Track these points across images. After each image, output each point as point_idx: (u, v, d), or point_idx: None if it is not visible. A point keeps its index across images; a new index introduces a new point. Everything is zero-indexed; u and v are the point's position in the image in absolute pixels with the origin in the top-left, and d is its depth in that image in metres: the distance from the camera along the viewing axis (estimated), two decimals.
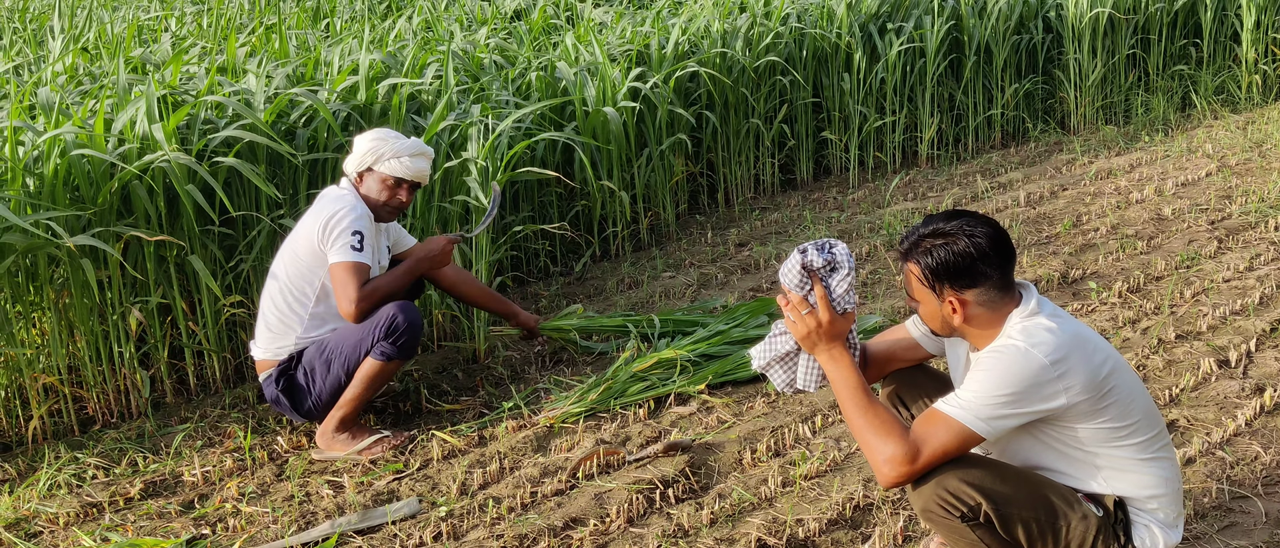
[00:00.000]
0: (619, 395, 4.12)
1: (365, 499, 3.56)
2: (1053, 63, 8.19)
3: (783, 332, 2.70)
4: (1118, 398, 2.41)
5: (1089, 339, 2.45)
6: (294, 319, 3.93)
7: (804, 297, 2.53)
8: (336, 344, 3.87)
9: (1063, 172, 6.98)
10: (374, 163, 3.93)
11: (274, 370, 3.94)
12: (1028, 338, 2.37)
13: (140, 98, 4.26)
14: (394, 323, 3.77)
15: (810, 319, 2.52)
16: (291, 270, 3.92)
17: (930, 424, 2.38)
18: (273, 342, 3.96)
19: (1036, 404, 2.36)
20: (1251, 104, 8.29)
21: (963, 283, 2.44)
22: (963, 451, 2.37)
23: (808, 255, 2.52)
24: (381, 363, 3.81)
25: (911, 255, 2.50)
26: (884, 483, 2.39)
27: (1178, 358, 4.11)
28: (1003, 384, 2.34)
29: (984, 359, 2.42)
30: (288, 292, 3.92)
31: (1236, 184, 6.27)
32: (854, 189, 7.06)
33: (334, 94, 4.73)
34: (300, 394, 3.93)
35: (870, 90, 7.25)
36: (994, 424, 2.35)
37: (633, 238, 6.20)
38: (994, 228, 2.46)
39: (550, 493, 3.51)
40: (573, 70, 5.78)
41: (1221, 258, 5.14)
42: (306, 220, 3.94)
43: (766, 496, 3.39)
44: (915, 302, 2.55)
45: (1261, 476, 3.25)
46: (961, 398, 2.38)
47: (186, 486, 3.78)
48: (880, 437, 2.38)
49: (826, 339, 2.53)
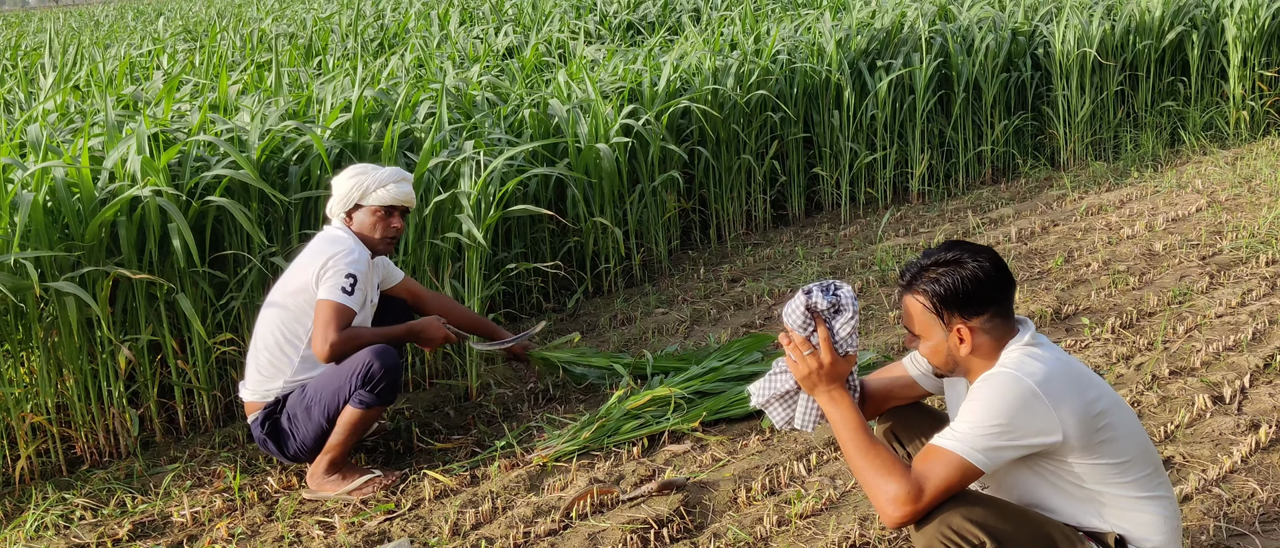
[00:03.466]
0: (612, 434, 4.09)
1: (356, 540, 3.52)
2: (1041, 99, 8.24)
3: (783, 370, 2.68)
4: (1113, 434, 2.40)
5: (1083, 374, 2.44)
6: (284, 361, 3.89)
7: (806, 337, 2.52)
8: (315, 391, 3.81)
9: (1053, 207, 7.00)
10: (360, 198, 3.92)
11: (261, 414, 3.90)
12: (1020, 367, 2.37)
13: (131, 135, 4.26)
14: (370, 371, 3.70)
15: (812, 360, 2.51)
16: (285, 312, 3.88)
17: (929, 461, 2.36)
18: (262, 383, 3.92)
19: (1031, 436, 2.34)
20: (1239, 140, 8.34)
21: (970, 311, 2.43)
22: (964, 485, 2.36)
23: (812, 296, 2.51)
24: (361, 411, 3.75)
25: (915, 286, 2.48)
26: (889, 523, 2.36)
27: (1172, 394, 4.10)
28: (997, 413, 2.33)
29: (976, 389, 2.41)
30: (280, 332, 3.89)
31: (1227, 219, 6.30)
32: (846, 225, 7.08)
33: (326, 131, 4.72)
34: (284, 439, 3.89)
35: (861, 126, 7.28)
36: (991, 456, 2.33)
37: (625, 274, 6.19)
38: (994, 255, 2.46)
39: (543, 533, 3.47)
40: (565, 107, 5.79)
41: (1213, 293, 5.15)
42: (303, 261, 3.92)
43: (762, 535, 3.36)
44: (916, 338, 2.53)
45: (1259, 514, 3.24)
46: (957, 431, 2.36)
47: (175, 526, 3.73)
48: (883, 477, 2.37)
49: (827, 381, 2.52)
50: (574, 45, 8.02)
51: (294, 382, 3.90)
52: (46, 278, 3.96)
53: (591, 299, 5.94)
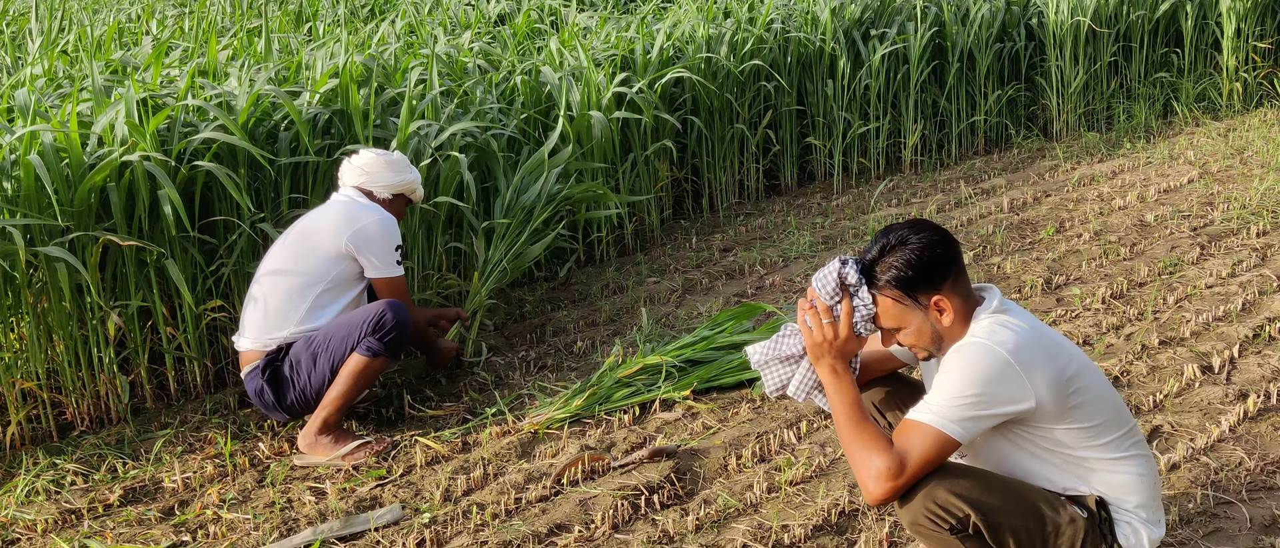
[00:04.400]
0: (604, 401, 4.10)
1: (348, 506, 3.52)
2: (1035, 70, 8.22)
3: (793, 333, 2.67)
4: (1085, 398, 2.41)
5: (1053, 340, 2.45)
6: (292, 311, 3.94)
7: (829, 306, 2.51)
8: (324, 338, 3.88)
9: (1046, 178, 7.00)
10: (407, 191, 4.25)
11: (260, 362, 3.92)
12: (991, 336, 2.37)
13: (120, 101, 4.22)
14: (382, 320, 3.82)
15: (829, 330, 2.51)
16: (303, 261, 3.96)
17: (906, 435, 2.37)
18: (265, 332, 3.93)
19: (1005, 404, 2.35)
20: (1232, 111, 8.34)
21: (936, 281, 2.44)
22: (943, 458, 2.36)
23: (847, 268, 2.50)
24: (367, 359, 3.82)
25: (874, 283, 2.48)
26: (871, 499, 2.37)
27: (1161, 364, 4.12)
28: (968, 384, 2.34)
29: (948, 361, 2.42)
30: (294, 279, 3.94)
31: (1218, 191, 6.30)
32: (838, 195, 7.07)
33: (315, 97, 4.69)
34: (284, 387, 3.92)
35: (854, 96, 7.26)
36: (966, 426, 2.34)
37: (618, 243, 6.18)
38: (929, 224, 2.50)
39: (535, 499, 3.48)
40: (557, 75, 5.76)
41: (1204, 264, 5.17)
42: (332, 217, 4.01)
43: (752, 502, 3.37)
44: (894, 335, 2.53)
45: (1246, 482, 3.26)
46: (931, 403, 2.37)
47: (167, 492, 3.73)
48: (869, 452, 2.37)
49: (835, 355, 2.52)
50: (566, 12, 7.97)
51: (298, 332, 3.94)
52: (35, 244, 3.94)
53: (583, 268, 5.93)
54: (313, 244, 3.99)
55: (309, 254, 3.98)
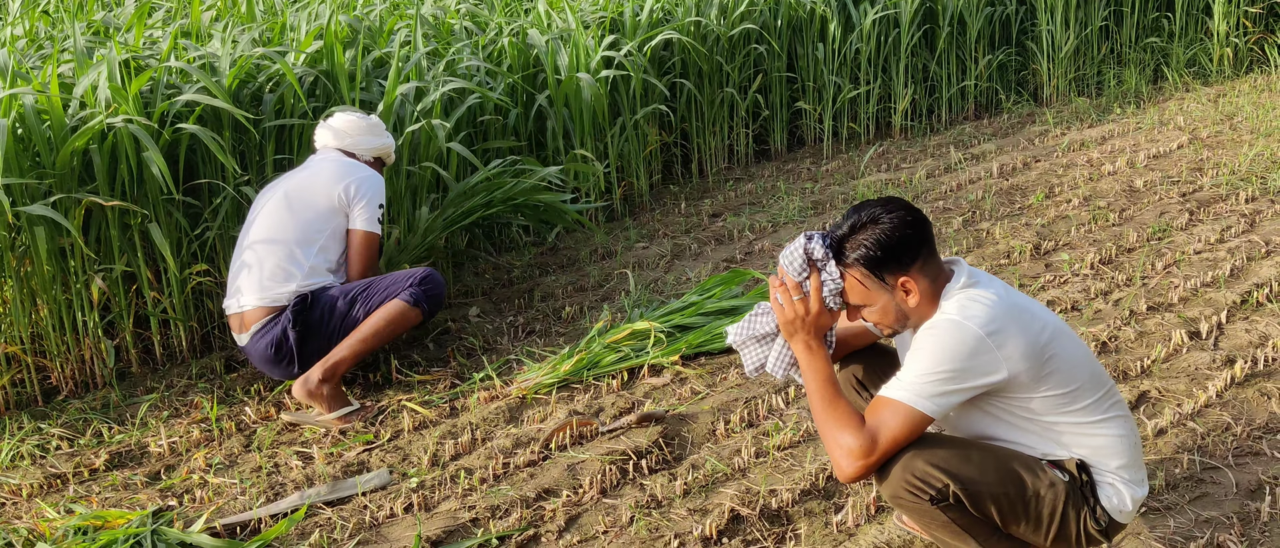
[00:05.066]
0: (592, 367, 4.09)
1: (335, 470, 3.51)
2: (1026, 34, 8.18)
3: (765, 312, 2.67)
4: (1059, 365, 2.40)
5: (1026, 308, 2.43)
6: (295, 267, 3.93)
7: (799, 283, 2.50)
8: (363, 289, 3.97)
9: (1035, 143, 6.98)
10: (384, 155, 4.30)
11: (279, 317, 3.89)
12: (962, 311, 2.36)
13: (102, 62, 4.17)
14: (429, 275, 4.01)
15: (800, 306, 2.50)
16: (301, 215, 3.97)
17: (879, 412, 2.36)
18: (271, 287, 3.91)
19: (977, 378, 2.34)
20: (1222, 77, 8.32)
21: (905, 262, 2.42)
22: (916, 434, 2.36)
23: (813, 242, 2.49)
24: (406, 305, 3.92)
25: (842, 260, 2.46)
26: (843, 477, 2.37)
27: (1149, 330, 4.12)
28: (940, 361, 2.33)
29: (920, 338, 2.40)
30: (291, 235, 3.94)
31: (1207, 157, 6.30)
32: (828, 160, 7.04)
33: (300, 58, 4.64)
34: (311, 338, 3.90)
35: (845, 61, 7.22)
36: (938, 402, 2.33)
37: (606, 208, 6.15)
38: (902, 202, 2.46)
39: (522, 464, 3.48)
40: (545, 37, 5.71)
41: (1192, 230, 5.16)
42: (328, 170, 4.04)
43: (740, 466, 3.37)
44: (859, 311, 2.52)
45: (1232, 447, 3.27)
46: (903, 380, 2.36)
47: (153, 456, 3.72)
48: (840, 430, 2.37)
49: (808, 330, 2.51)
50: None
51: (307, 285, 3.95)
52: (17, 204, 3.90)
53: (572, 233, 5.90)
54: (308, 200, 3.99)
55: (303, 209, 3.97)
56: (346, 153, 4.15)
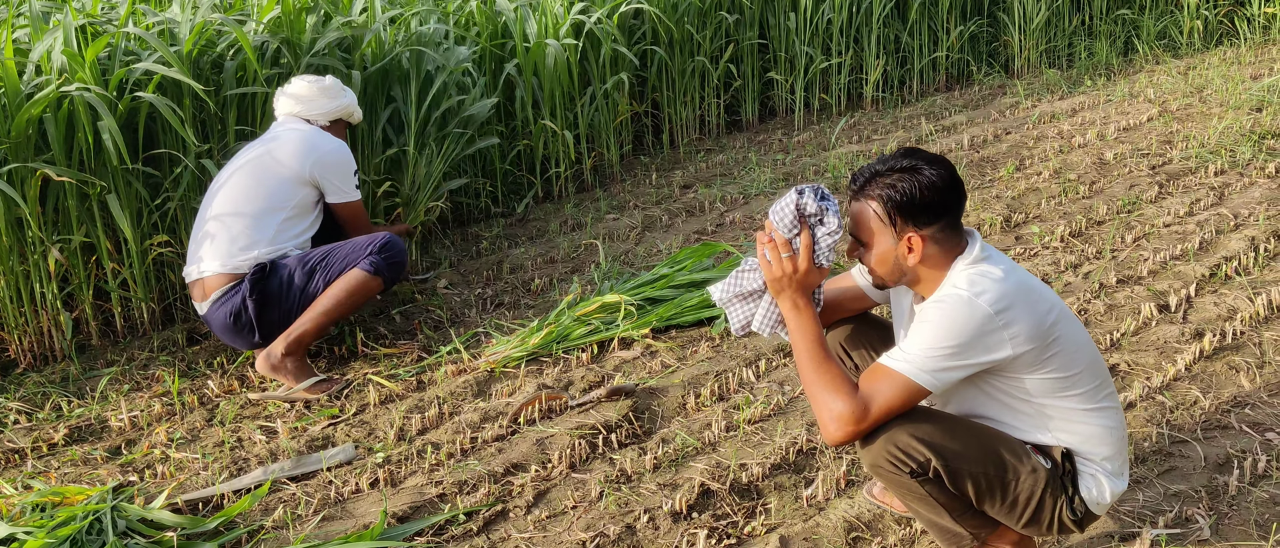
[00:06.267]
0: (562, 340, 4.04)
1: (299, 445, 3.46)
2: (998, 6, 8.16)
3: (752, 268, 2.61)
4: (1062, 348, 2.37)
5: (1034, 288, 2.40)
6: (259, 233, 3.88)
7: (788, 240, 2.45)
8: (322, 257, 3.89)
9: (1006, 115, 6.98)
10: (346, 116, 4.20)
11: (239, 284, 3.83)
12: (971, 287, 2.31)
13: (58, 27, 4.06)
14: (389, 242, 3.92)
15: (788, 263, 2.45)
16: (263, 187, 3.90)
17: (876, 380, 2.33)
18: (232, 254, 3.84)
19: (981, 355, 2.31)
20: (1192, 49, 8.34)
21: (923, 220, 2.37)
22: (910, 405, 2.33)
23: (804, 198, 2.43)
24: (366, 275, 3.85)
25: (867, 191, 2.41)
26: (831, 441, 2.33)
27: (1119, 303, 4.12)
28: (947, 336, 2.29)
29: (927, 310, 2.36)
30: (256, 205, 3.89)
31: (1177, 129, 6.31)
32: (799, 131, 7.01)
33: (261, 25, 4.54)
34: (270, 307, 3.85)
35: (816, 31, 7.17)
36: (940, 377, 2.30)
37: (576, 179, 6.09)
38: (949, 165, 2.40)
39: (491, 439, 3.44)
40: (514, 4, 5.62)
41: (1162, 203, 5.17)
42: (292, 145, 3.96)
43: (710, 440, 3.34)
44: (862, 246, 2.46)
45: (1200, 420, 3.27)
46: (907, 351, 2.32)
47: (113, 431, 3.65)
48: (830, 393, 2.33)
49: (795, 288, 2.46)
50: None
51: (270, 252, 3.89)
52: None
53: (541, 204, 5.84)
54: (273, 171, 3.92)
55: (268, 179, 3.91)
56: (304, 119, 4.08)
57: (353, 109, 4.22)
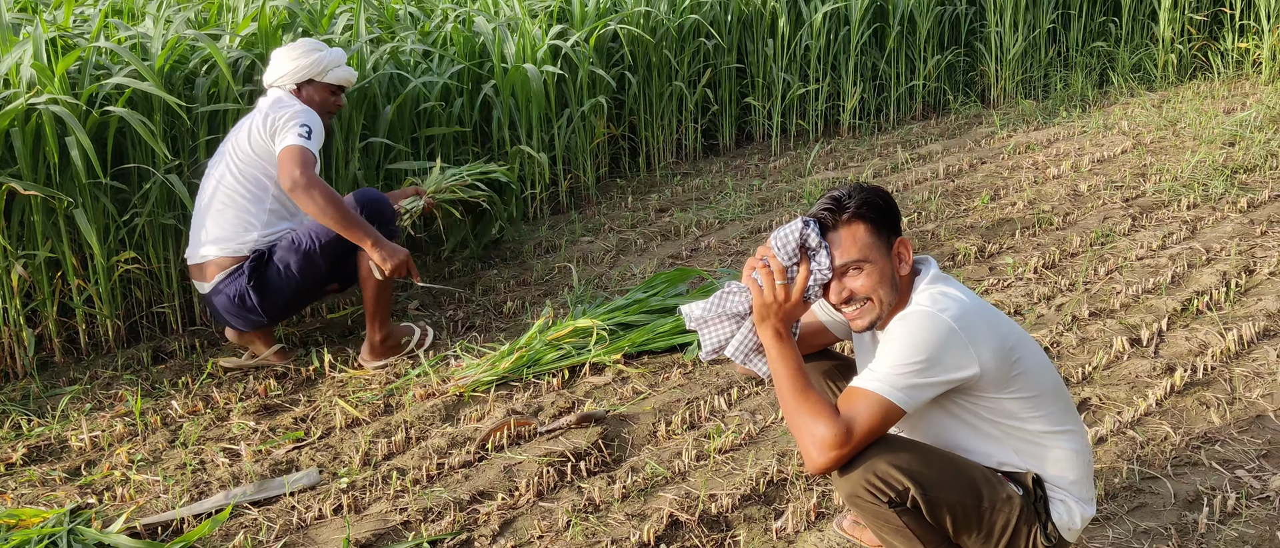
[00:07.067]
0: (533, 364, 4.01)
1: (262, 469, 3.40)
2: (975, 35, 8.21)
3: (738, 290, 2.57)
4: (1026, 368, 2.40)
5: (991, 310, 2.46)
6: (253, 217, 3.90)
7: (785, 268, 2.44)
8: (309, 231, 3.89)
9: (982, 145, 7.00)
10: (315, 75, 4.05)
11: (242, 269, 3.87)
12: (934, 304, 2.35)
13: (28, 40, 4.01)
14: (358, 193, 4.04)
15: (781, 291, 2.44)
16: (250, 166, 3.89)
17: (853, 402, 2.32)
18: (234, 237, 3.88)
19: (950, 372, 2.31)
20: (1167, 83, 8.41)
21: (897, 227, 2.49)
22: (887, 426, 2.32)
23: (809, 229, 2.42)
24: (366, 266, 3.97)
25: (851, 214, 2.43)
26: (814, 468, 2.31)
27: (1091, 336, 4.12)
28: (915, 350, 2.29)
29: (893, 329, 2.37)
30: (242, 188, 3.89)
31: (1151, 162, 6.34)
32: (776, 157, 7.01)
33: (236, 41, 4.50)
34: (270, 290, 3.89)
35: (794, 57, 7.19)
36: (912, 394, 2.30)
37: (551, 200, 6.07)
38: None
39: (458, 465, 3.39)
40: (491, 25, 5.60)
41: (1135, 236, 5.19)
42: (254, 123, 3.93)
43: (680, 470, 3.31)
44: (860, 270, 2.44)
45: (1171, 456, 3.27)
46: (876, 371, 2.32)
47: (73, 451, 3.58)
48: (813, 418, 2.31)
49: (780, 317, 2.45)
50: None
51: (266, 236, 3.92)
52: None
53: (516, 225, 5.81)
54: (245, 151, 3.91)
55: (246, 163, 3.90)
56: (277, 86, 4.04)
57: (324, 67, 4.04)
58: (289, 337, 4.40)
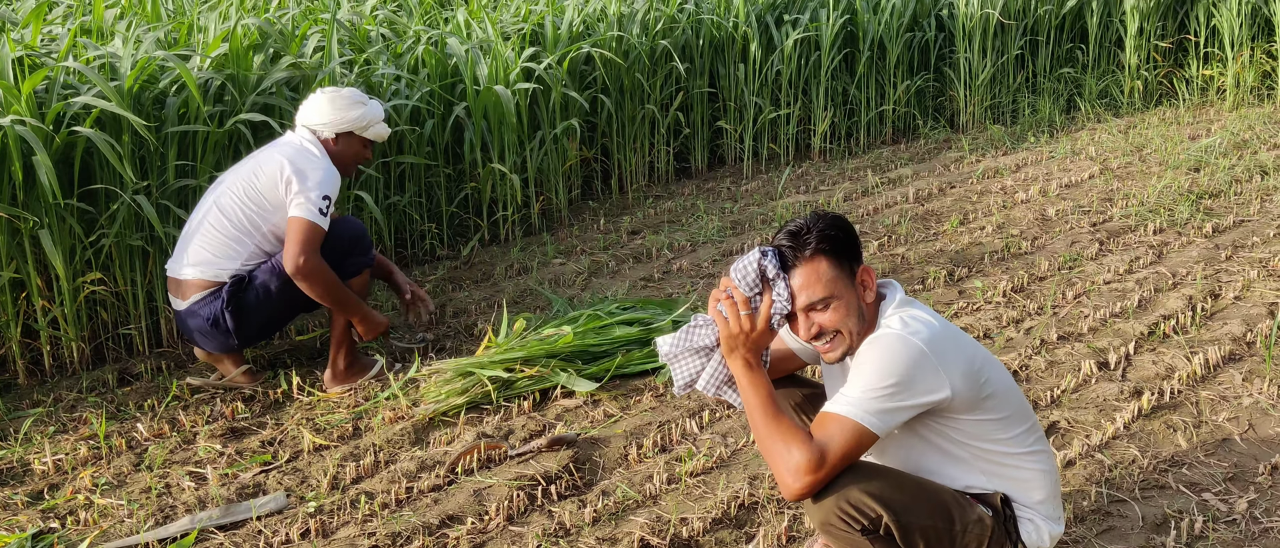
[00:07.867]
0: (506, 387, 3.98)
1: (229, 493, 3.36)
2: (944, 61, 8.28)
3: (705, 324, 2.58)
4: (995, 389, 2.43)
5: (959, 333, 2.48)
6: (241, 247, 3.89)
7: (748, 299, 2.44)
8: None
9: (951, 169, 7.05)
10: (358, 129, 4.02)
11: (221, 291, 3.85)
12: (905, 327, 2.37)
13: None
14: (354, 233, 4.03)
15: (746, 322, 2.44)
16: (248, 203, 3.87)
17: (825, 427, 2.32)
18: (215, 262, 3.87)
19: (921, 395, 2.32)
20: (1133, 109, 8.52)
21: (857, 255, 2.49)
22: (861, 451, 2.32)
23: (767, 259, 2.43)
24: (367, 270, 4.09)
25: (819, 248, 2.42)
26: (790, 494, 2.31)
27: (1059, 359, 4.15)
28: (886, 374, 2.30)
29: (863, 353, 2.38)
30: (232, 225, 3.87)
31: (1118, 187, 6.41)
32: (747, 180, 7.03)
33: (206, 62, 4.47)
34: (245, 316, 3.88)
35: (766, 81, 7.23)
36: (884, 418, 2.30)
37: (523, 223, 6.06)
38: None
39: (427, 489, 3.36)
40: (464, 47, 5.60)
41: (1102, 260, 5.24)
42: (272, 160, 3.88)
43: (651, 493, 3.30)
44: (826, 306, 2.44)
45: (1139, 479, 3.29)
46: (849, 395, 2.33)
47: (36, 474, 3.53)
48: (787, 444, 2.31)
49: (748, 347, 2.46)
50: None
51: (247, 266, 3.91)
52: None
53: (487, 247, 5.80)
54: (256, 186, 3.88)
55: (253, 195, 3.87)
56: (310, 128, 3.98)
57: (367, 122, 4.02)
58: (257, 358, 4.36)
